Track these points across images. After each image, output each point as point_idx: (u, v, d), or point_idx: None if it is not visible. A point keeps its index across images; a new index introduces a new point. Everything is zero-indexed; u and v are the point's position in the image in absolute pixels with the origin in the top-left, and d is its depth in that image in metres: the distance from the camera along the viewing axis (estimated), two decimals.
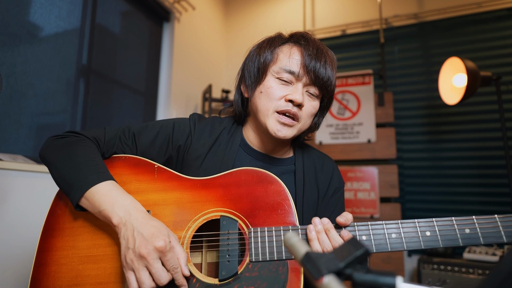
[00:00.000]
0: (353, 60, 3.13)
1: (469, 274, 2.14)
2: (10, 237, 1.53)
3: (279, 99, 0.87)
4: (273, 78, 0.89)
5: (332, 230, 0.73)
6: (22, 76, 1.77)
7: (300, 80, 0.87)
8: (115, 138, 0.90)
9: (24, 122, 1.78)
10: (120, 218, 0.72)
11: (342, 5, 3.25)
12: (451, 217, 0.71)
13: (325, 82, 0.88)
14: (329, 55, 0.91)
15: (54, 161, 0.83)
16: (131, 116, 2.55)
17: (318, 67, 0.86)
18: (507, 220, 0.70)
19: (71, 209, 0.83)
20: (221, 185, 0.81)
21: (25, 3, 1.80)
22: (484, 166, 2.62)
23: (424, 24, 2.92)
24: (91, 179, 0.76)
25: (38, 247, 0.80)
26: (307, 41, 0.90)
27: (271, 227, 0.75)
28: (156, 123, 0.96)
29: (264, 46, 0.93)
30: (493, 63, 2.66)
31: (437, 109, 2.80)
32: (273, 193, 0.78)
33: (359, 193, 2.77)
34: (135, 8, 2.61)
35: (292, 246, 0.46)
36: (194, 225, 0.78)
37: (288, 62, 0.88)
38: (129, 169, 0.86)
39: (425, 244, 0.70)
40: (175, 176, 0.84)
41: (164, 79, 2.83)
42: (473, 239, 0.69)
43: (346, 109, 2.96)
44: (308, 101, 0.89)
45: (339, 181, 1.00)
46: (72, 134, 0.91)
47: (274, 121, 0.87)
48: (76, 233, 0.80)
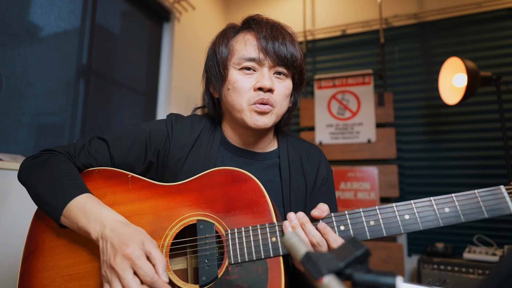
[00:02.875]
0: (353, 60, 3.13)
1: (469, 274, 2.14)
2: (10, 237, 1.53)
3: (248, 90, 0.84)
4: (235, 71, 0.86)
5: (308, 224, 0.71)
6: (22, 76, 1.77)
7: (263, 64, 0.84)
8: (84, 150, 0.88)
9: (24, 122, 1.78)
10: (96, 232, 0.71)
11: (342, 5, 3.25)
12: (429, 197, 0.69)
13: (289, 59, 0.85)
14: (286, 31, 0.88)
15: (30, 182, 0.82)
16: (131, 116, 2.55)
17: (277, 46, 0.83)
18: (487, 194, 0.67)
19: (50, 228, 0.82)
20: (195, 188, 0.79)
21: (25, 3, 1.80)
22: (484, 166, 2.62)
23: (424, 24, 2.92)
24: (66, 195, 0.76)
25: (20, 269, 0.79)
26: (259, 23, 0.87)
27: (248, 226, 0.73)
28: (131, 130, 0.93)
29: (218, 42, 0.90)
30: (493, 63, 2.66)
31: (437, 109, 2.80)
32: (248, 191, 0.76)
33: (359, 193, 2.77)
34: (135, 8, 2.61)
35: (291, 246, 0.46)
36: (171, 233, 0.76)
37: (245, 50, 0.85)
38: (103, 181, 0.85)
39: (404, 228, 0.68)
40: (149, 184, 0.83)
41: (164, 79, 2.83)
42: (453, 217, 0.67)
43: (346, 109, 2.96)
44: (278, 83, 0.86)
45: (326, 170, 0.97)
46: (46, 152, 0.88)
47: (250, 113, 0.84)
48: (56, 253, 0.79)
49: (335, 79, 3.04)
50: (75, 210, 0.74)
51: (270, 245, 0.71)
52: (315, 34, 3.28)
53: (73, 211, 0.74)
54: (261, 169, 0.92)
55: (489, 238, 2.45)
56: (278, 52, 0.83)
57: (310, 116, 3.06)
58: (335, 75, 3.06)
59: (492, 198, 0.67)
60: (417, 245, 2.72)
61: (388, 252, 2.55)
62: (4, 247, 1.51)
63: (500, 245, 2.39)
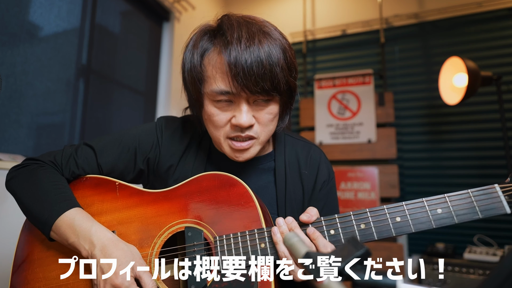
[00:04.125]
0: (353, 60, 3.13)
1: (469, 274, 2.14)
2: (10, 237, 1.53)
3: (224, 125, 0.75)
4: (210, 103, 0.75)
5: (297, 229, 0.69)
6: (22, 76, 1.76)
7: (239, 96, 0.72)
8: (71, 159, 0.85)
9: (24, 122, 1.77)
10: (86, 251, 0.71)
11: (342, 5, 3.25)
12: (421, 198, 0.67)
13: (269, 87, 0.70)
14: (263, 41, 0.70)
15: (18, 194, 0.81)
16: (131, 116, 2.55)
17: (249, 77, 0.68)
18: (480, 193, 0.65)
19: (39, 239, 0.82)
20: (183, 194, 0.77)
21: (25, 3, 1.80)
22: (484, 166, 2.61)
23: (425, 24, 2.92)
24: (55, 210, 0.74)
25: (10, 282, 0.80)
26: (227, 41, 0.70)
27: (237, 232, 0.72)
28: (119, 137, 0.88)
29: (187, 62, 0.77)
30: (493, 63, 2.66)
31: (438, 109, 2.80)
32: (236, 196, 0.74)
33: (359, 193, 2.77)
34: (135, 8, 2.61)
35: (291, 246, 0.46)
36: (160, 241, 0.75)
37: (216, 82, 0.72)
38: (91, 190, 0.84)
39: (396, 231, 0.66)
40: (136, 191, 0.82)
41: (164, 79, 2.82)
42: (446, 218, 0.64)
43: (346, 109, 2.96)
44: (260, 111, 0.75)
45: (327, 172, 0.89)
46: (32, 161, 0.86)
47: (229, 148, 0.78)
48: (45, 264, 0.79)
49: (335, 79, 3.04)
50: (64, 226, 0.73)
51: (259, 251, 0.70)
52: (315, 34, 3.28)
53: (62, 227, 0.73)
54: (254, 174, 0.87)
55: (490, 238, 2.45)
56: (253, 84, 0.69)
57: (310, 116, 3.06)
58: (335, 75, 3.05)
59: (486, 197, 0.65)
60: (417, 245, 2.71)
61: (388, 252, 2.55)
62: (4, 247, 1.50)
63: (500, 245, 2.38)
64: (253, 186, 0.76)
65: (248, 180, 0.78)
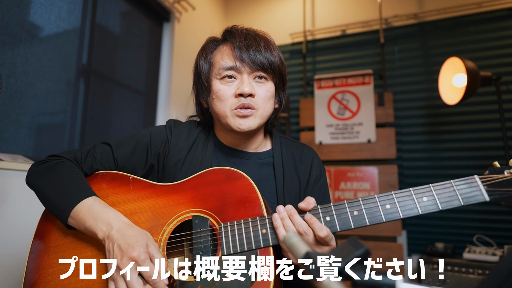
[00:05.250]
0: (353, 60, 3.13)
1: (469, 274, 2.14)
2: (10, 237, 1.53)
3: (230, 97, 0.89)
4: (217, 81, 0.91)
5: (295, 215, 0.74)
6: (22, 76, 1.77)
7: (242, 71, 0.89)
8: (90, 155, 0.94)
9: (24, 122, 1.78)
10: (103, 232, 0.76)
11: (342, 5, 3.25)
12: (409, 188, 0.73)
13: (265, 64, 0.89)
14: (260, 37, 0.92)
15: (39, 186, 0.88)
16: (131, 116, 2.55)
17: (252, 53, 0.88)
18: (462, 183, 0.72)
19: (57, 228, 0.87)
20: (192, 187, 0.84)
21: (25, 3, 1.80)
22: (484, 166, 2.61)
23: (424, 24, 2.92)
24: (74, 198, 0.80)
25: (26, 268, 0.83)
26: (233, 35, 0.92)
27: (240, 220, 0.77)
28: (133, 135, 0.99)
29: (199, 57, 0.96)
30: (493, 63, 2.66)
31: (437, 109, 2.80)
32: (240, 188, 0.80)
33: (359, 193, 2.77)
34: (135, 8, 2.61)
35: (292, 246, 0.46)
36: (169, 228, 0.81)
37: (223, 60, 0.90)
38: (106, 183, 0.90)
39: (386, 217, 0.72)
40: (148, 184, 0.88)
41: (164, 79, 2.82)
42: (431, 206, 0.71)
43: (346, 109, 2.96)
44: (259, 87, 0.90)
45: (319, 168, 1.01)
46: (53, 157, 0.94)
47: (233, 118, 0.89)
48: (60, 250, 0.84)
49: (335, 79, 3.04)
50: (83, 212, 0.79)
51: (261, 236, 0.75)
52: (315, 34, 3.28)
53: (81, 212, 0.79)
54: (255, 168, 0.97)
55: (489, 238, 2.45)
56: (253, 58, 0.88)
57: (310, 116, 3.06)
58: (335, 75, 3.06)
59: (466, 187, 0.72)
60: (417, 245, 2.72)
61: (388, 252, 2.55)
62: (5, 247, 1.51)
63: (500, 245, 2.39)
64: (254, 179, 0.83)
65: (250, 174, 0.84)
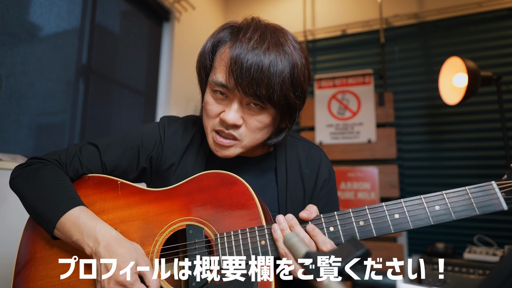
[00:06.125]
0: (353, 60, 3.13)
1: (469, 274, 2.14)
2: (10, 237, 1.53)
3: (215, 117, 0.77)
4: (209, 91, 0.78)
5: (297, 226, 0.69)
6: (22, 76, 1.76)
7: (234, 94, 0.73)
8: (76, 158, 0.86)
9: (24, 122, 1.77)
10: (90, 248, 0.71)
11: (342, 5, 3.25)
12: (420, 196, 0.67)
13: (264, 95, 0.70)
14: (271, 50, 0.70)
15: (22, 192, 0.81)
16: (131, 116, 2.55)
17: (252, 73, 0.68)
18: (478, 190, 0.65)
19: (42, 238, 0.82)
20: (185, 193, 0.78)
21: (25, 3, 1.80)
22: (484, 166, 2.61)
23: (425, 24, 2.92)
24: (59, 208, 0.75)
25: (13, 281, 0.80)
26: (240, 32, 0.73)
27: (237, 230, 0.72)
28: (123, 136, 0.90)
29: (205, 51, 0.81)
30: (493, 63, 2.66)
31: (438, 109, 2.80)
32: (236, 194, 0.74)
33: (359, 193, 2.77)
34: (135, 8, 2.61)
35: (292, 246, 0.46)
36: (161, 239, 0.76)
37: (217, 71, 0.74)
38: (93, 189, 0.84)
39: (394, 228, 0.66)
40: (138, 190, 0.82)
41: (164, 79, 2.82)
42: (444, 215, 0.65)
43: (346, 109, 2.96)
44: (250, 115, 0.75)
45: (328, 172, 0.90)
46: (36, 160, 0.86)
47: (212, 140, 0.79)
48: (47, 262, 0.79)
49: (335, 79, 3.04)
50: (69, 224, 0.73)
51: (260, 248, 0.70)
52: (315, 34, 3.28)
53: (67, 224, 0.73)
54: (256, 173, 0.88)
55: (490, 238, 2.45)
56: (251, 83, 0.69)
57: (310, 116, 3.06)
58: (335, 75, 3.05)
59: (483, 194, 0.65)
60: (417, 245, 2.72)
61: (388, 252, 2.55)
62: (4, 247, 1.50)
63: (500, 245, 2.38)
64: (254, 184, 0.76)
65: (249, 179, 0.78)
